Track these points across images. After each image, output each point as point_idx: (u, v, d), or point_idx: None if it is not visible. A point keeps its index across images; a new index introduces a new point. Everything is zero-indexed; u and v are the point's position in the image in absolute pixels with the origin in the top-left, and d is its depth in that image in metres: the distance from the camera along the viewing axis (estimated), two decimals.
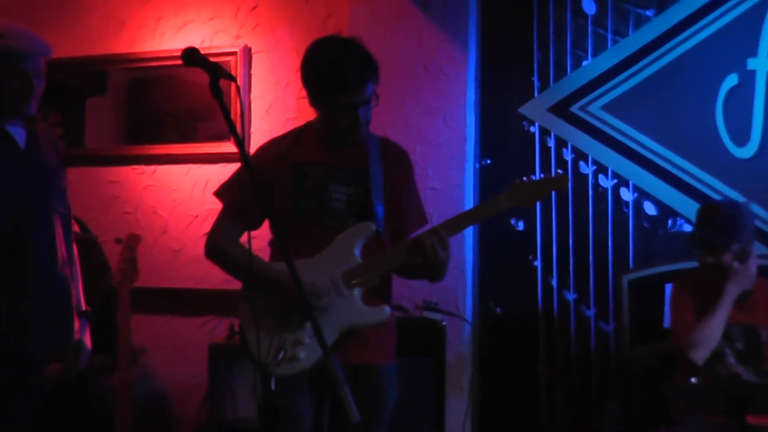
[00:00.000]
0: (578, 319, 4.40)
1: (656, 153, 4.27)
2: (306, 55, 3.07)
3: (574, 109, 4.40)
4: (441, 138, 4.49)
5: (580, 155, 4.41)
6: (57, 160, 3.34)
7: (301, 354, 2.93)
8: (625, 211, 4.34)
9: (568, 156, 4.42)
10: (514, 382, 4.49)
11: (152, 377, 4.80)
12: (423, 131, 4.48)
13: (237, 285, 3.12)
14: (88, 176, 5.07)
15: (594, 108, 4.37)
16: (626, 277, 4.31)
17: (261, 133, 4.75)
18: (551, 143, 4.45)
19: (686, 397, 3.33)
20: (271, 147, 3.17)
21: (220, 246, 3.10)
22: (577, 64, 4.42)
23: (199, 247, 3.20)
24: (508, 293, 4.53)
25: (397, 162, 3.17)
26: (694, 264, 3.76)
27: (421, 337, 4.14)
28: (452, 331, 4.31)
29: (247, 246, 2.81)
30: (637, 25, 4.31)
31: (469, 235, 4.48)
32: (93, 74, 5.18)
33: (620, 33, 4.34)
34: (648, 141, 4.29)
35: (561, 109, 4.43)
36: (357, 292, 2.98)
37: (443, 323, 4.23)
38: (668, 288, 4.05)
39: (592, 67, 4.38)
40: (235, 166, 3.15)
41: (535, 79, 4.47)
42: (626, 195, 4.34)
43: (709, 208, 3.71)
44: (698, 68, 4.21)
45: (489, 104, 4.56)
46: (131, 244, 4.15)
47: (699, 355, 3.49)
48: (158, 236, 4.99)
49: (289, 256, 2.53)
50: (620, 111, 4.34)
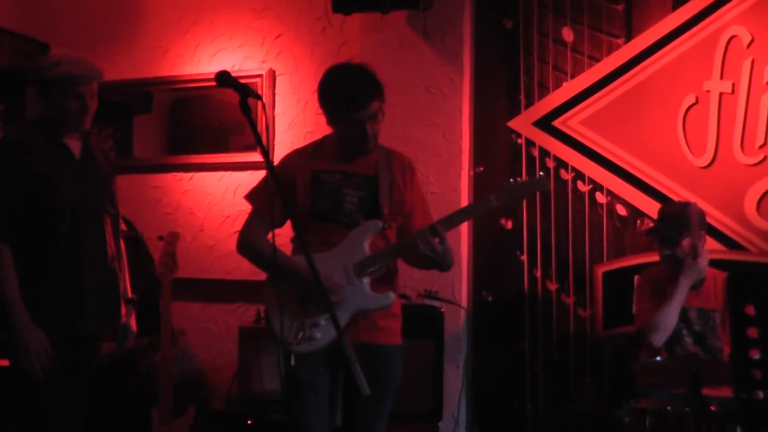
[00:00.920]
0: (559, 306, 4.40)
1: (626, 161, 4.25)
2: (321, 79, 3.09)
3: (556, 123, 4.38)
4: (440, 149, 4.47)
5: (560, 164, 4.39)
6: (108, 168, 3.34)
7: (318, 334, 2.93)
8: (600, 212, 4.33)
9: (550, 164, 4.40)
10: (502, 360, 4.47)
11: (190, 355, 4.77)
12: (424, 143, 4.46)
13: (263, 276, 3.12)
14: (135, 182, 5.08)
15: (573, 122, 4.35)
16: (601, 269, 4.31)
17: (284, 144, 4.76)
18: (536, 153, 4.43)
19: (651, 373, 3.36)
20: (293, 156, 3.18)
21: (250, 242, 3.09)
22: (557, 84, 4.40)
23: (231, 243, 3.22)
24: (498, 283, 4.51)
25: (402, 169, 3.17)
26: (657, 257, 3.76)
27: (423, 322, 4.14)
28: (449, 316, 4.31)
29: (272, 242, 2.85)
30: (609, 51, 4.29)
31: (464, 233, 4.47)
32: (140, 95, 5.21)
33: (595, 58, 4.32)
34: (619, 151, 4.27)
35: (544, 124, 4.41)
36: (366, 281, 2.98)
37: (441, 309, 4.25)
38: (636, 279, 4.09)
39: (571, 87, 4.37)
40: (262, 173, 3.16)
41: (521, 97, 4.46)
42: (601, 198, 4.33)
43: (665, 207, 3.76)
44: (662, 88, 4.18)
45: (481, 119, 4.54)
46: (172, 240, 4.18)
47: (657, 339, 3.49)
48: (195, 234, 5.00)
49: (307, 250, 2.55)
50: (596, 125, 4.32)
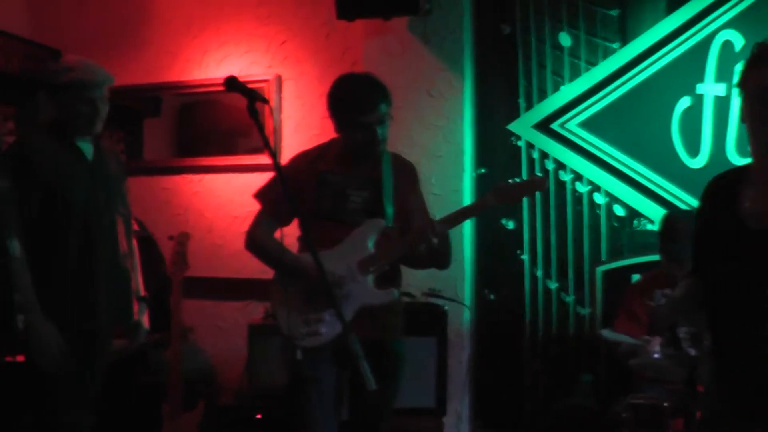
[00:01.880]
0: (559, 305, 4.38)
1: (624, 163, 4.22)
2: (331, 88, 3.12)
3: (554, 126, 4.36)
4: (441, 151, 4.46)
5: (559, 165, 4.36)
6: (119, 170, 3.38)
7: (323, 329, 2.96)
8: (598, 212, 4.31)
9: (549, 166, 4.36)
10: (504, 356, 4.46)
11: (200, 351, 4.77)
12: (426, 146, 4.45)
13: (270, 274, 3.14)
14: (146, 184, 5.06)
15: (571, 125, 4.34)
16: (599, 269, 4.31)
17: (290, 147, 4.70)
18: (535, 155, 4.40)
19: (647, 370, 3.37)
20: (300, 158, 3.22)
21: (258, 240, 3.13)
22: (556, 88, 4.38)
23: (239, 243, 3.22)
24: (500, 282, 4.49)
25: (404, 172, 3.20)
26: (655, 257, 3.76)
27: (427, 319, 4.14)
28: (453, 314, 4.29)
29: (279, 240, 2.88)
30: (605, 56, 4.26)
31: (467, 233, 4.47)
32: (150, 99, 5.18)
33: (591, 62, 4.29)
34: (617, 153, 4.25)
35: (543, 126, 4.39)
36: (370, 278, 3.01)
37: (445, 308, 4.23)
38: (634, 278, 4.11)
39: (568, 90, 4.34)
40: (269, 175, 3.16)
41: (521, 101, 4.44)
42: (599, 199, 4.30)
43: (674, 222, 3.58)
44: (657, 92, 4.16)
45: (482, 122, 4.52)
46: (182, 240, 4.17)
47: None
48: (204, 234, 4.97)
49: (313, 248, 2.59)
50: (593, 127, 4.29)
